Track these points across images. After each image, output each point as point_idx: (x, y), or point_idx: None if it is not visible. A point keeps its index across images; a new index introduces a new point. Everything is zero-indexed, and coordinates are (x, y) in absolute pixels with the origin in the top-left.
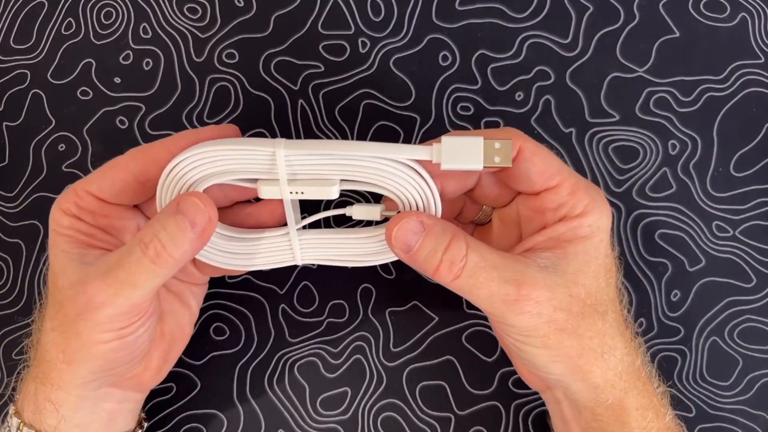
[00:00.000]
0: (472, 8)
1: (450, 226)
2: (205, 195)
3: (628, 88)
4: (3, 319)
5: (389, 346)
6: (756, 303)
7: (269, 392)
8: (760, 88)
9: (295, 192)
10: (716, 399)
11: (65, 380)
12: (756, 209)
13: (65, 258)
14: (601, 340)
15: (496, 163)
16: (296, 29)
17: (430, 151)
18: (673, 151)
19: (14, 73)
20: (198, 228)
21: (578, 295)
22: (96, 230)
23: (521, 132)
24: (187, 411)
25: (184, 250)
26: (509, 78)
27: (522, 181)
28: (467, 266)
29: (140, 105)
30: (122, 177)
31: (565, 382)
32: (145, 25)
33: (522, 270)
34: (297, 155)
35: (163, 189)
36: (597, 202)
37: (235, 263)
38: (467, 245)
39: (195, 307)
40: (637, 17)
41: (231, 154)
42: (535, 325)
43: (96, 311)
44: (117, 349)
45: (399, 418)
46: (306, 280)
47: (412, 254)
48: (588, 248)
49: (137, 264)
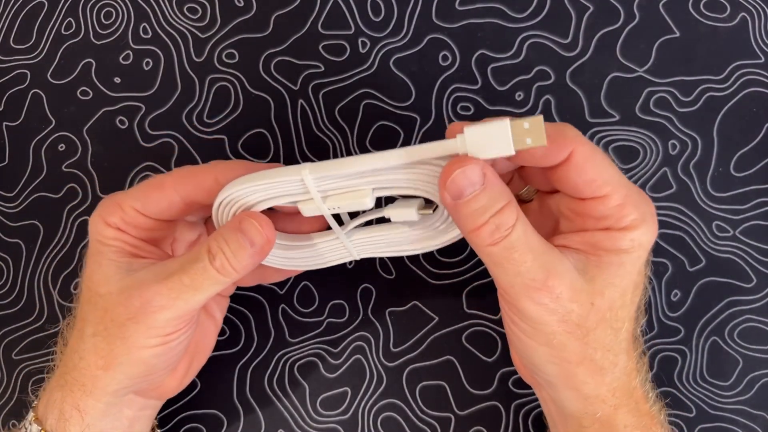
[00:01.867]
0: (472, 8)
1: (508, 190)
2: (264, 217)
3: (628, 88)
4: (3, 319)
5: (389, 346)
6: (756, 303)
7: (269, 392)
8: (760, 87)
9: (334, 207)
10: (716, 399)
11: (98, 386)
12: (756, 209)
13: (111, 266)
14: (604, 355)
15: (529, 145)
16: (296, 29)
17: (455, 145)
18: (673, 151)
19: (14, 73)
20: (257, 247)
21: (600, 306)
22: (140, 242)
23: (578, 132)
24: (187, 411)
25: (245, 264)
26: (509, 78)
27: (568, 187)
28: (510, 237)
29: (140, 105)
30: (168, 198)
31: (555, 386)
32: (145, 24)
33: (556, 262)
34: (323, 177)
35: (219, 213)
36: (645, 217)
37: (294, 264)
38: (518, 216)
39: (219, 318)
40: (637, 17)
41: (266, 186)
42: (546, 319)
43: (153, 314)
44: (159, 354)
45: (399, 418)
46: (306, 281)
47: (461, 203)
48: (624, 262)
49: (203, 271)
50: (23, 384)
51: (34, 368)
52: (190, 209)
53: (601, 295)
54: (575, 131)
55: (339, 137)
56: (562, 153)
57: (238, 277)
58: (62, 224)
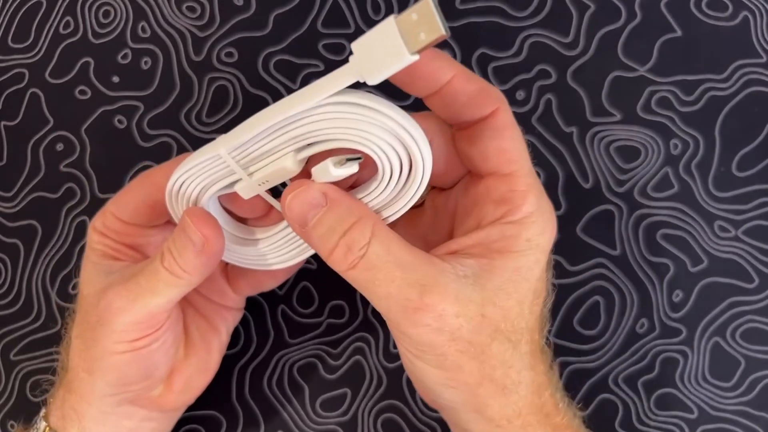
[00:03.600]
0: (472, 7)
1: (360, 206)
2: (205, 212)
3: (629, 87)
4: (1, 320)
5: (389, 347)
6: (758, 303)
7: (268, 393)
8: (762, 87)
9: (262, 181)
10: (718, 400)
11: (87, 390)
12: (758, 209)
13: (93, 268)
14: (505, 372)
15: (423, 41)
16: (296, 28)
17: (347, 70)
18: (675, 151)
19: (12, 73)
20: (197, 246)
21: (492, 317)
22: (121, 246)
23: (503, 97)
24: (186, 412)
25: (193, 264)
26: (510, 77)
27: (476, 152)
28: (367, 257)
29: (139, 104)
30: (133, 201)
31: (456, 410)
32: (143, 23)
33: (434, 274)
34: (236, 147)
35: (173, 205)
36: (545, 215)
37: (262, 263)
38: (372, 233)
39: (225, 334)
40: (638, 16)
41: (196, 170)
42: (434, 341)
43: (114, 316)
44: (129, 361)
45: (399, 420)
46: (305, 281)
47: (307, 230)
48: (520, 266)
49: (155, 273)
50: (21, 384)
51: (32, 369)
52: (155, 211)
53: (493, 305)
54: (502, 95)
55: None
56: (486, 107)
57: (192, 278)
58: (60, 224)
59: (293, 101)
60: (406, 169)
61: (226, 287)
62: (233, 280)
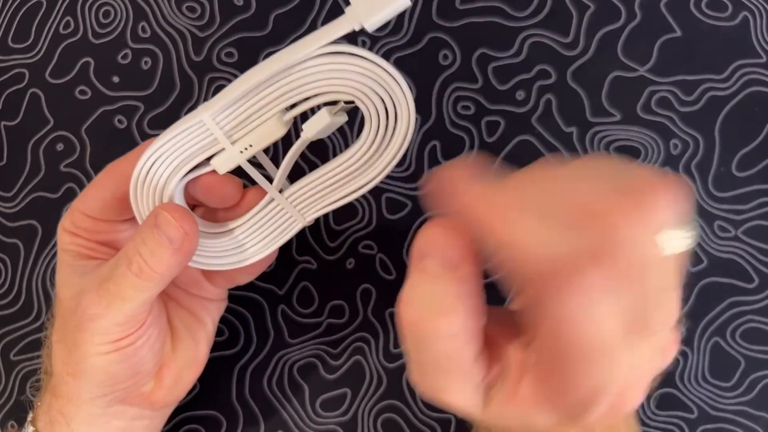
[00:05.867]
0: (472, 7)
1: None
2: (181, 207)
3: (629, 87)
4: (1, 320)
5: (389, 347)
6: (758, 303)
7: (268, 393)
8: (762, 87)
9: (245, 149)
10: (718, 400)
11: (73, 394)
12: (758, 209)
13: (69, 270)
14: None
15: None
16: (296, 28)
17: (346, 17)
18: (675, 151)
19: (12, 73)
20: (176, 243)
21: None
22: (94, 244)
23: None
24: (186, 413)
25: (167, 265)
26: (510, 77)
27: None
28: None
29: (139, 104)
30: (101, 195)
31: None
32: (143, 24)
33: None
34: (222, 110)
35: (137, 199)
36: None
37: (235, 260)
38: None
39: (210, 325)
40: (638, 16)
41: (172, 144)
42: None
43: (91, 322)
44: (116, 361)
45: (399, 420)
46: (305, 281)
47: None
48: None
49: (123, 278)
50: (21, 384)
51: (32, 368)
52: (125, 203)
53: None
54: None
55: (339, 137)
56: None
57: (165, 278)
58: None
59: (286, 52)
60: (392, 117)
61: (202, 280)
62: (208, 273)
